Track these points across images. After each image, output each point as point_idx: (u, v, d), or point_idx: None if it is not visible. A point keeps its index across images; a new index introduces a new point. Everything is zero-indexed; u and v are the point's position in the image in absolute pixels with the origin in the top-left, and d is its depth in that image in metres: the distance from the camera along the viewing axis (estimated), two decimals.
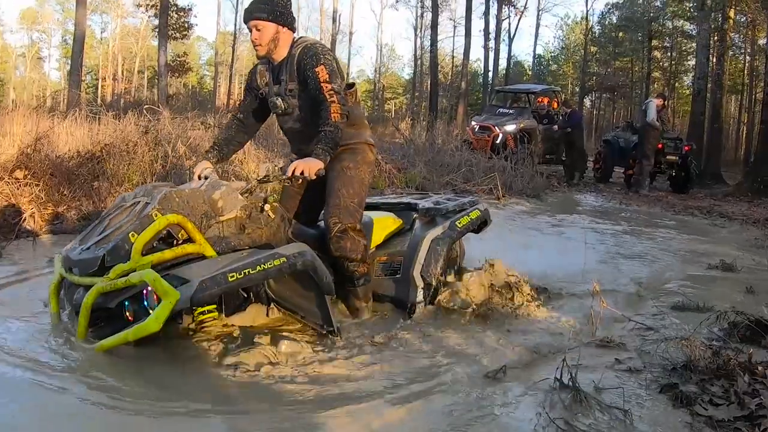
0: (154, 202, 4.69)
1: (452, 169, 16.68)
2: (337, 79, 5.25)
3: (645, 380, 4.39)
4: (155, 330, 4.17)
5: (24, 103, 37.22)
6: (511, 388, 4.34)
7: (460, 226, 6.19)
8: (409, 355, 4.96)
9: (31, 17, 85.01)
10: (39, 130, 11.92)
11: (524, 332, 5.55)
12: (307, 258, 4.81)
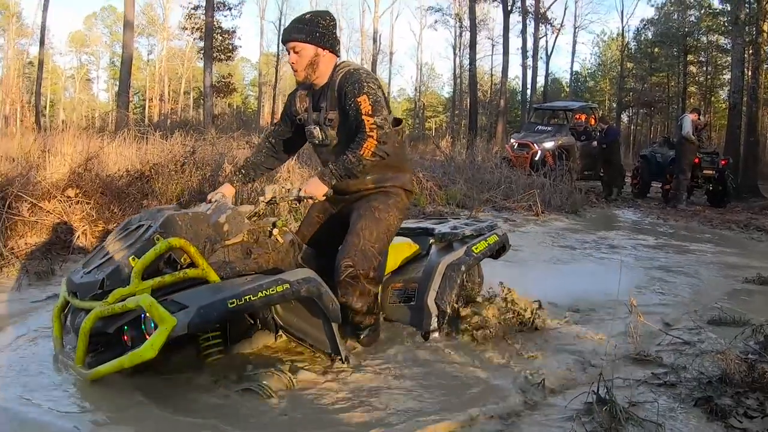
0: (156, 226, 4.61)
1: (492, 186, 16.70)
2: (381, 112, 4.83)
3: (680, 394, 4.38)
4: (150, 357, 4.03)
5: (74, 124, 37.50)
6: (549, 401, 4.38)
7: (476, 251, 5.94)
8: (437, 374, 4.91)
9: (79, 40, 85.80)
10: (89, 150, 12.06)
11: (561, 348, 5.55)
12: (311, 285, 4.64)
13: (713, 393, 4.22)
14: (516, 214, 14.59)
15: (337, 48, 5.19)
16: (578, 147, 22.77)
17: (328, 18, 5.14)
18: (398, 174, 5.35)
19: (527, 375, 4.79)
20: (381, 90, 5.01)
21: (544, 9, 49.39)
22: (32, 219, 8.47)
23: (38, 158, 11.73)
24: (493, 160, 21.81)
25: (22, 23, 71.06)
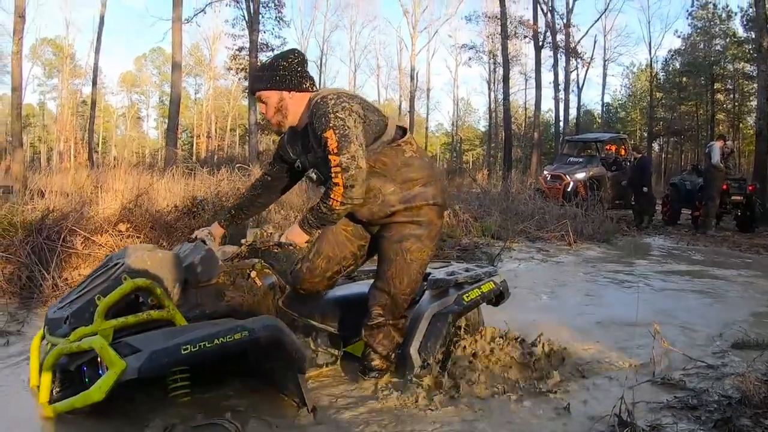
0: (124, 265, 4.44)
1: (526, 217, 16.67)
2: (348, 148, 4.34)
3: (700, 416, 4.40)
4: (98, 399, 3.81)
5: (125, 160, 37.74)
6: (573, 424, 4.42)
7: (467, 300, 5.46)
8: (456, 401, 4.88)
9: (130, 80, 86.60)
10: (139, 186, 12.29)
11: (587, 373, 5.53)
12: (273, 333, 4.24)
13: (732, 414, 4.22)
14: (549, 244, 14.59)
15: (306, 85, 4.75)
16: (609, 177, 22.79)
17: (290, 57, 4.79)
18: (425, 187, 4.84)
19: (552, 399, 4.83)
20: (354, 115, 4.49)
21: (574, 44, 49.26)
22: (85, 252, 8.57)
23: (91, 194, 11.94)
24: (527, 192, 21.82)
25: (76, 64, 71.93)
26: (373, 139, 4.64)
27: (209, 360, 4.21)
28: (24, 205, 10.33)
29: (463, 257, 11.78)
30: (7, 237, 8.66)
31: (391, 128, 4.76)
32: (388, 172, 4.74)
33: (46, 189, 13.28)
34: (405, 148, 4.80)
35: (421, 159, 4.90)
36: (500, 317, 6.94)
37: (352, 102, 4.55)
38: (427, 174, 4.87)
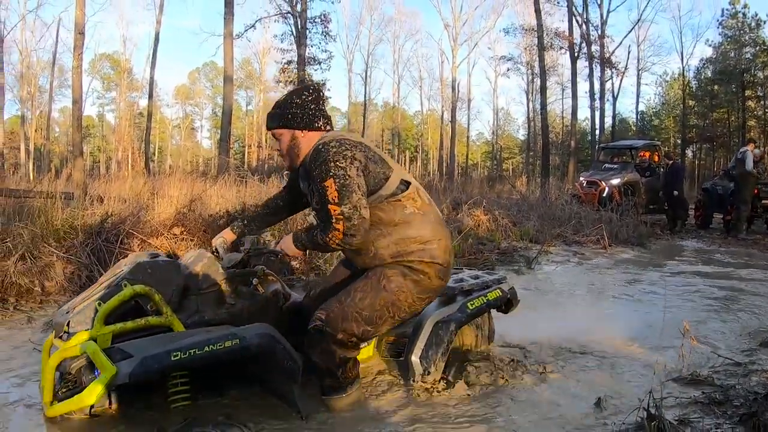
0: (125, 272, 4.41)
1: (563, 222, 16.67)
2: (350, 198, 4.10)
3: (726, 411, 4.41)
4: (91, 403, 3.87)
5: (179, 169, 37.94)
6: (604, 417, 4.47)
7: (471, 308, 5.27)
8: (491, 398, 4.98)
9: (184, 93, 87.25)
10: (193, 193, 12.42)
11: (616, 368, 5.62)
12: (264, 341, 4.17)
13: (758, 409, 4.20)
14: (585, 248, 14.56)
15: (319, 123, 4.53)
16: (643, 183, 22.69)
17: (305, 95, 4.56)
18: (424, 245, 4.41)
19: (584, 394, 4.89)
20: (357, 163, 4.23)
21: (609, 54, 49.01)
22: (142, 253, 8.69)
23: (147, 200, 12.07)
24: (564, 198, 21.81)
25: (133, 78, 72.52)
26: (370, 192, 4.31)
27: (200, 367, 4.19)
28: (84, 210, 10.43)
29: (502, 260, 11.86)
30: (68, 239, 8.82)
31: (393, 182, 4.40)
32: (384, 227, 4.39)
33: (104, 195, 13.44)
34: (406, 204, 4.43)
35: (424, 216, 4.49)
36: (535, 316, 7.00)
37: (354, 150, 4.28)
38: (428, 233, 4.45)
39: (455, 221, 14.70)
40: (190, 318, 4.42)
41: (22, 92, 61.56)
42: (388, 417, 4.50)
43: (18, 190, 14.69)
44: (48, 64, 60.85)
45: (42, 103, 63.60)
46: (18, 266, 7.60)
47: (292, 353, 4.31)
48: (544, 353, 6.06)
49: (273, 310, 4.84)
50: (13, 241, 8.29)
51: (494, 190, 29.41)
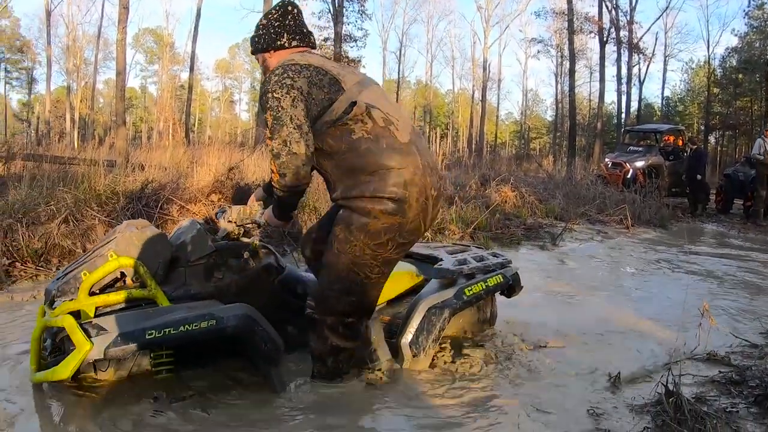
0: (114, 242, 4.26)
1: (587, 201, 16.58)
2: (281, 130, 3.77)
3: (742, 391, 4.38)
4: (65, 377, 3.74)
5: (218, 140, 38.06)
6: (624, 393, 4.45)
7: (468, 294, 4.93)
8: (525, 374, 4.96)
9: (224, 67, 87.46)
10: (231, 162, 12.47)
11: (635, 345, 5.62)
12: (241, 323, 3.96)
13: None
14: (608, 227, 14.51)
15: (282, 41, 4.18)
16: (666, 166, 22.55)
17: (272, 13, 4.25)
18: (368, 179, 3.88)
19: (604, 371, 4.84)
20: (294, 92, 3.83)
21: (637, 40, 48.67)
22: (180, 218, 8.76)
23: (187, 168, 12.23)
24: (589, 178, 21.72)
25: (175, 52, 72.65)
26: (314, 119, 3.89)
27: (174, 345, 4.09)
28: (125, 176, 10.53)
29: (528, 236, 11.87)
30: (109, 204, 8.91)
31: (339, 105, 3.89)
32: (336, 155, 3.94)
33: (146, 163, 13.53)
34: (354, 128, 3.90)
35: (375, 142, 3.90)
36: (558, 292, 6.97)
37: (297, 77, 3.85)
38: (375, 161, 3.88)
39: (483, 196, 14.72)
40: (176, 291, 4.32)
41: (68, 64, 61.88)
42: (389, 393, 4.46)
43: (63, 157, 14.80)
44: (93, 37, 61.10)
45: (87, 74, 63.89)
46: (61, 229, 7.67)
47: (271, 335, 4.09)
48: (563, 328, 6.02)
49: (264, 284, 4.67)
50: (57, 205, 8.38)
51: (521, 168, 29.39)
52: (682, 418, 3.65)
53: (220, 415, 3.88)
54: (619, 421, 3.96)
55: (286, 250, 8.43)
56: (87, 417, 3.80)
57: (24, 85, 71.82)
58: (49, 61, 56.53)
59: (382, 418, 3.99)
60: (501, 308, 5.81)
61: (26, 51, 66.69)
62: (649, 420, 3.87)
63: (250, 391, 4.23)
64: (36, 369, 4.04)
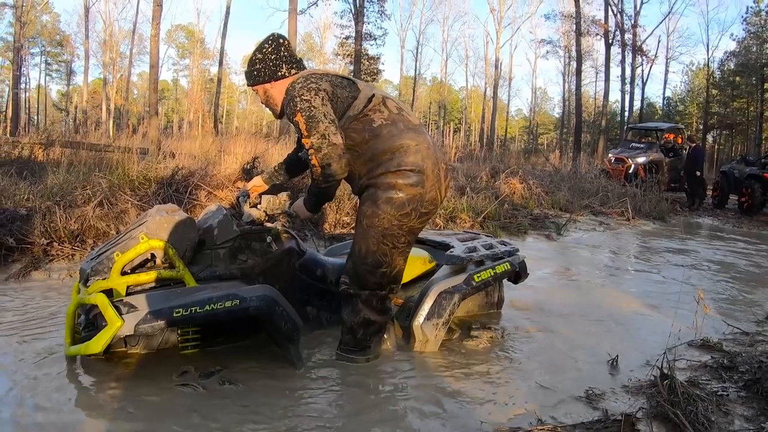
0: (144, 226, 4.32)
1: (591, 194, 16.61)
2: (317, 126, 3.98)
3: (733, 376, 4.39)
4: (96, 351, 3.79)
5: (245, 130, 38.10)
6: (621, 374, 4.48)
7: (477, 280, 5.00)
8: (527, 358, 4.98)
9: None
10: (256, 151, 12.54)
11: (633, 330, 5.63)
12: (262, 303, 4.02)
13: (762, 376, 4.17)
14: (610, 219, 14.49)
15: (282, 71, 4.34)
16: (666, 162, 22.54)
17: (264, 47, 4.36)
18: (391, 157, 4.17)
19: (601, 353, 4.86)
20: (322, 93, 4.09)
21: (640, 42, 48.46)
22: (208, 204, 8.74)
23: (215, 156, 12.29)
24: (593, 172, 21.76)
25: (205, 48, 72.80)
26: (341, 115, 4.17)
27: (200, 323, 4.15)
28: (157, 163, 10.58)
29: (534, 225, 11.88)
30: (142, 189, 8.97)
31: (360, 101, 4.22)
32: (359, 147, 4.20)
33: (176, 151, 13.56)
34: (374, 117, 4.22)
35: (393, 125, 4.22)
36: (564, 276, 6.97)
37: (320, 81, 4.14)
38: (395, 141, 4.18)
39: (493, 188, 14.74)
40: (203, 272, 4.40)
41: (104, 57, 62.00)
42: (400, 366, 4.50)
43: (99, 145, 14.90)
44: (128, 32, 61.27)
45: (122, 67, 64.11)
46: (96, 211, 7.69)
47: (291, 315, 4.17)
48: (566, 313, 6.06)
49: (285, 267, 4.77)
50: (92, 189, 8.44)
51: (529, 162, 29.37)
52: (676, 400, 3.65)
53: (244, 388, 3.94)
54: (616, 401, 3.97)
55: (307, 235, 8.49)
56: (117, 389, 3.84)
57: (63, 76, 72.16)
58: (86, 54, 56.99)
59: (392, 393, 4.02)
60: (508, 292, 5.87)
61: (65, 45, 66.95)
62: (644, 401, 3.87)
63: (272, 366, 4.27)
64: (70, 343, 4.11)
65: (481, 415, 3.72)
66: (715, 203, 22.07)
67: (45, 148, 14.40)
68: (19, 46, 47.32)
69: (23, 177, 9.75)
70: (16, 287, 6.14)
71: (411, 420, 3.66)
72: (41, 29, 63.03)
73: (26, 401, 3.60)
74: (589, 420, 3.64)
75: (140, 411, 3.55)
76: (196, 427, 3.40)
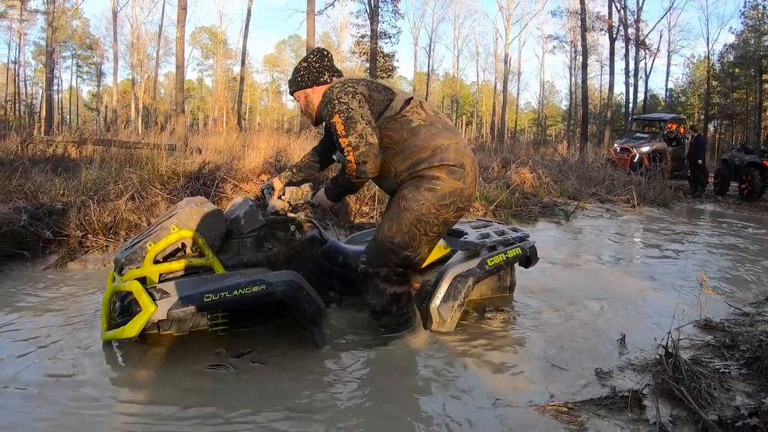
0: (175, 217, 4.41)
1: (597, 183, 16.53)
2: (355, 126, 4.04)
3: (734, 355, 4.40)
4: (132, 336, 3.88)
5: (267, 126, 38.22)
6: (628, 352, 4.52)
7: (490, 264, 5.01)
8: (534, 338, 5.00)
9: (272, 61, 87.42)
10: (278, 146, 12.63)
11: (639, 311, 5.64)
12: (287, 288, 4.11)
13: (762, 354, 4.18)
14: (616, 206, 14.43)
15: (324, 77, 4.42)
16: (669, 151, 22.45)
17: (309, 57, 4.48)
18: (435, 151, 4.22)
19: (609, 332, 4.91)
20: (359, 96, 4.17)
21: (643, 37, 48.29)
22: (233, 196, 8.79)
23: (239, 151, 12.35)
24: (599, 161, 21.71)
25: (228, 48, 72.84)
26: (377, 116, 4.22)
27: (229, 307, 4.25)
28: (185, 158, 10.67)
29: (544, 212, 11.85)
30: (171, 183, 9.04)
31: (396, 103, 4.30)
32: (396, 145, 4.25)
33: (202, 147, 13.67)
34: (411, 118, 4.28)
35: (431, 126, 4.30)
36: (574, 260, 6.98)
37: (357, 85, 4.24)
38: (435, 139, 4.25)
39: (504, 177, 14.71)
40: (230, 260, 4.48)
41: (132, 59, 62.18)
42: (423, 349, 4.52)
43: (129, 142, 14.97)
44: (155, 35, 61.40)
45: (149, 68, 64.20)
46: (128, 205, 7.76)
47: (314, 299, 4.25)
48: (575, 295, 6.07)
49: (308, 254, 4.86)
50: (124, 184, 8.54)
51: (539, 152, 29.26)
52: (680, 377, 3.67)
53: (272, 368, 4.02)
54: (623, 378, 4.00)
55: (328, 224, 8.54)
56: (152, 369, 3.93)
57: (93, 78, 72.30)
58: (115, 56, 57.18)
59: (410, 372, 4.08)
60: (520, 277, 5.89)
61: (95, 48, 67.14)
62: (650, 378, 3.89)
63: (297, 348, 4.34)
64: (107, 328, 4.18)
65: (495, 391, 3.76)
66: (717, 190, 21.97)
67: (78, 146, 14.49)
68: (52, 50, 47.46)
69: (58, 173, 9.83)
70: (54, 277, 6.23)
71: (428, 397, 3.71)
72: (72, 33, 63.18)
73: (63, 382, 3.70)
74: (599, 396, 3.66)
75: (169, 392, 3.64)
76: (223, 402, 3.49)
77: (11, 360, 4.04)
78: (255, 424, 3.31)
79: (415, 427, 3.34)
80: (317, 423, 3.34)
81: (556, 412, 3.48)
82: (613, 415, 3.46)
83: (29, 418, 3.28)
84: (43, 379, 3.75)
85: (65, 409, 3.39)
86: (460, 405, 3.59)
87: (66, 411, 3.37)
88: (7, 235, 6.53)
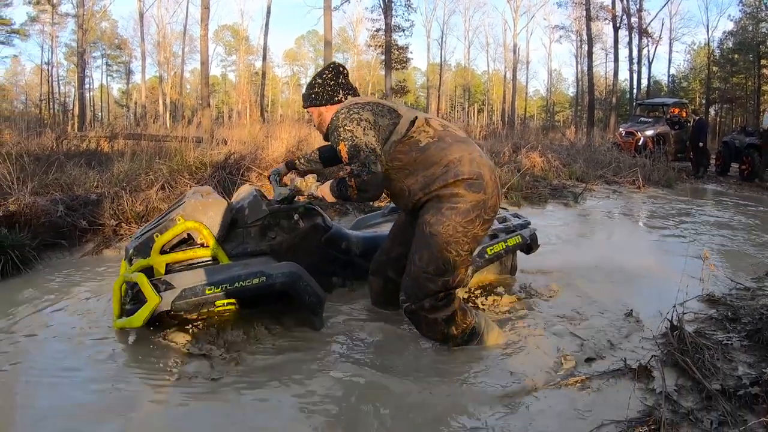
0: (181, 208, 4.39)
1: (604, 165, 16.48)
2: (358, 155, 3.82)
3: (736, 327, 4.43)
4: (137, 326, 3.93)
5: (288, 117, 38.26)
6: (634, 324, 4.59)
7: (489, 253, 4.97)
8: (553, 314, 5.02)
9: (292, 56, 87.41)
10: (300, 136, 12.65)
11: (645, 287, 5.68)
12: (287, 279, 4.08)
13: (763, 327, 4.20)
14: (622, 187, 14.42)
15: (339, 96, 4.25)
16: (672, 134, 22.34)
17: (325, 74, 4.32)
18: (447, 167, 3.95)
19: (618, 306, 4.95)
20: (364, 123, 3.93)
21: (646, 25, 48.01)
22: (258, 184, 8.89)
23: (263, 141, 12.44)
24: (605, 145, 21.65)
25: (249, 45, 72.82)
26: (384, 142, 3.97)
27: (232, 298, 4.17)
28: (211, 150, 10.75)
29: (553, 194, 11.87)
30: (199, 173, 9.13)
31: (402, 126, 4.02)
32: (408, 167, 4.00)
33: (228, 138, 13.75)
34: (419, 138, 4.01)
35: (441, 141, 4.02)
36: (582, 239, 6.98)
37: (362, 111, 3.97)
38: (446, 154, 3.97)
39: (515, 162, 14.71)
40: (235, 249, 4.46)
41: (159, 57, 62.24)
42: None
43: (158, 135, 15.10)
44: (180, 34, 61.41)
45: (176, 65, 64.22)
46: (158, 194, 7.82)
47: (314, 289, 4.21)
48: (585, 273, 6.08)
49: (312, 242, 4.79)
50: (154, 175, 8.64)
51: (547, 137, 29.12)
52: (685, 348, 3.69)
53: (271, 349, 4.08)
54: (632, 351, 4.03)
55: (349, 209, 8.58)
56: (166, 350, 3.97)
57: (123, 76, 72.47)
58: (143, 55, 57.28)
59: (421, 352, 4.11)
60: (532, 256, 5.78)
61: (123, 47, 67.28)
62: (657, 350, 3.92)
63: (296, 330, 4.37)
64: (118, 316, 4.18)
65: (509, 366, 3.79)
66: (718, 171, 21.87)
67: (110, 140, 14.61)
68: (82, 50, 47.52)
69: (92, 167, 9.88)
70: (90, 263, 6.32)
71: (440, 376, 3.72)
72: (101, 35, 63.35)
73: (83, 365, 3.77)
74: (609, 369, 3.67)
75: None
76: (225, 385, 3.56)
77: (60, 342, 4.13)
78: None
79: (432, 405, 3.35)
80: (327, 411, 3.39)
81: (569, 384, 3.50)
82: (623, 385, 3.47)
83: (73, 402, 3.33)
84: (88, 362, 3.80)
85: (107, 390, 3.44)
86: (474, 381, 3.61)
87: (108, 391, 3.43)
88: (46, 226, 6.62)
